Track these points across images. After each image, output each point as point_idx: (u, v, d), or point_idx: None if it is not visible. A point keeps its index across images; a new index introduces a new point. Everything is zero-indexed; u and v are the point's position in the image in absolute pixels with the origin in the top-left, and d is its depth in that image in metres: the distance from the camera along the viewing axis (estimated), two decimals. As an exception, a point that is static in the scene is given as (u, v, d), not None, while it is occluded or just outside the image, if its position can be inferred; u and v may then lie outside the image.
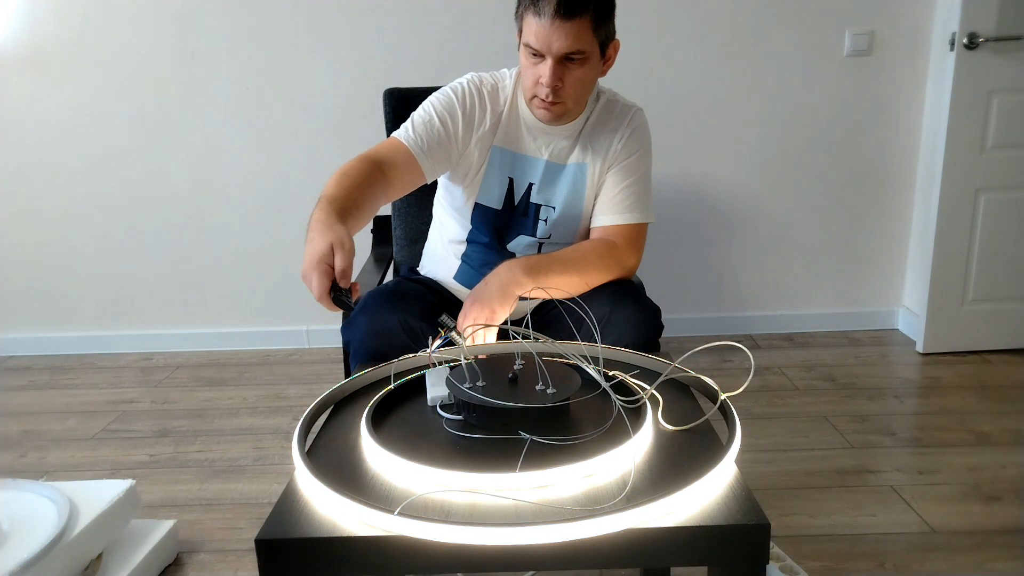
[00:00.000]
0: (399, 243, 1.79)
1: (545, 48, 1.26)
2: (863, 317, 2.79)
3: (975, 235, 2.46)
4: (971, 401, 2.21)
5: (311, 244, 1.05)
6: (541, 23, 1.24)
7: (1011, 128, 2.36)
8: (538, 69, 1.29)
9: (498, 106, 1.42)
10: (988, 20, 2.25)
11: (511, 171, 1.44)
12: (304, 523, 0.75)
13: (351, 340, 1.31)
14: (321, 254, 1.02)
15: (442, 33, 2.49)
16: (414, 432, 0.91)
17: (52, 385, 2.55)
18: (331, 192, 1.18)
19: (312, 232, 1.08)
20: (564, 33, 1.23)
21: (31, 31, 2.50)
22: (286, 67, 2.53)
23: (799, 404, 2.23)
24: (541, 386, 0.91)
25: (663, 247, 2.66)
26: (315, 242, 1.05)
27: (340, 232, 1.06)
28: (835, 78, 2.54)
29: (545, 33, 1.24)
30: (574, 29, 1.24)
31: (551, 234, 1.47)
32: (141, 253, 2.71)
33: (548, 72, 1.27)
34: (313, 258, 1.02)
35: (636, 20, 2.43)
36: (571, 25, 1.23)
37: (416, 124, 1.37)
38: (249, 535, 1.67)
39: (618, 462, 0.82)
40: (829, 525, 1.64)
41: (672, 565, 0.82)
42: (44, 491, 1.43)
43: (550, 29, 1.23)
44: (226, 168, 2.63)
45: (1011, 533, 1.60)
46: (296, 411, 2.28)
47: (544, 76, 1.28)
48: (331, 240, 1.04)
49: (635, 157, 1.44)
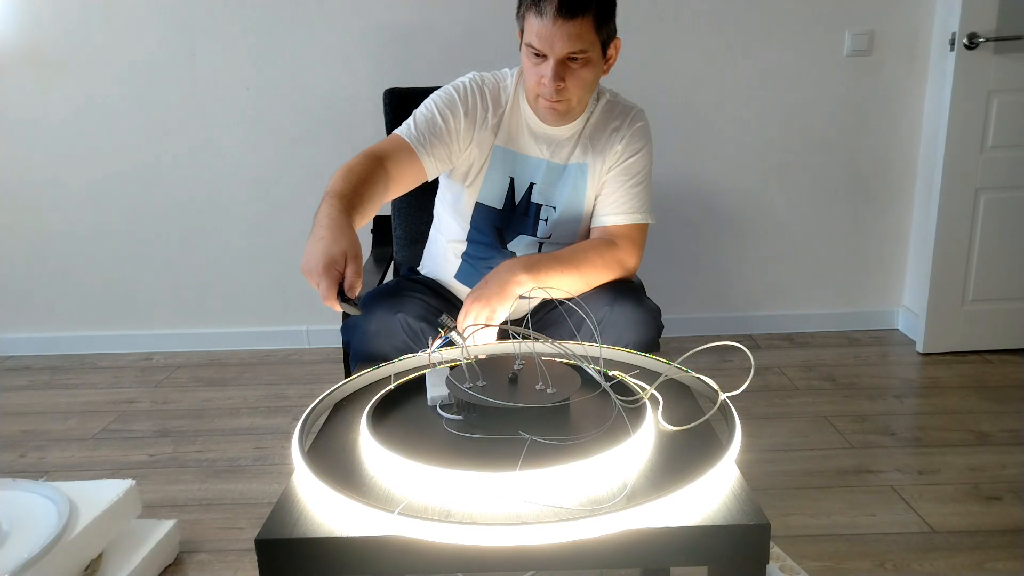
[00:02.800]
0: (399, 243, 1.79)
1: (547, 48, 1.26)
2: (863, 317, 2.79)
3: (975, 235, 2.46)
4: (971, 401, 2.21)
5: (321, 242, 1.06)
6: (543, 23, 1.24)
7: (1011, 128, 2.36)
8: (540, 69, 1.29)
9: (500, 106, 1.42)
10: (988, 20, 2.25)
11: (512, 171, 1.44)
12: (304, 523, 0.75)
13: (351, 340, 1.31)
14: (333, 258, 1.04)
15: (442, 33, 2.49)
16: (414, 432, 0.91)
17: (52, 385, 2.55)
18: (338, 188, 1.19)
19: (322, 229, 1.09)
20: (566, 33, 1.24)
21: (31, 30, 2.50)
22: (286, 67, 2.53)
23: (799, 404, 2.23)
24: (541, 386, 0.91)
25: (663, 247, 2.66)
26: (326, 241, 1.06)
27: (353, 241, 1.08)
28: (835, 78, 2.54)
29: (547, 33, 1.24)
30: (576, 29, 1.24)
31: (551, 234, 1.47)
32: (141, 253, 2.71)
33: (551, 72, 1.27)
34: (324, 259, 1.03)
35: (637, 20, 2.43)
36: (573, 25, 1.23)
37: (418, 121, 1.37)
38: (249, 535, 1.67)
39: (618, 462, 0.82)
40: (829, 525, 1.64)
41: (672, 565, 0.82)
42: (44, 491, 1.43)
43: (552, 29, 1.23)
44: (226, 168, 2.63)
45: (1011, 533, 1.59)
46: (296, 411, 2.28)
47: (547, 76, 1.28)
48: (344, 248, 1.05)
49: (636, 157, 1.44)
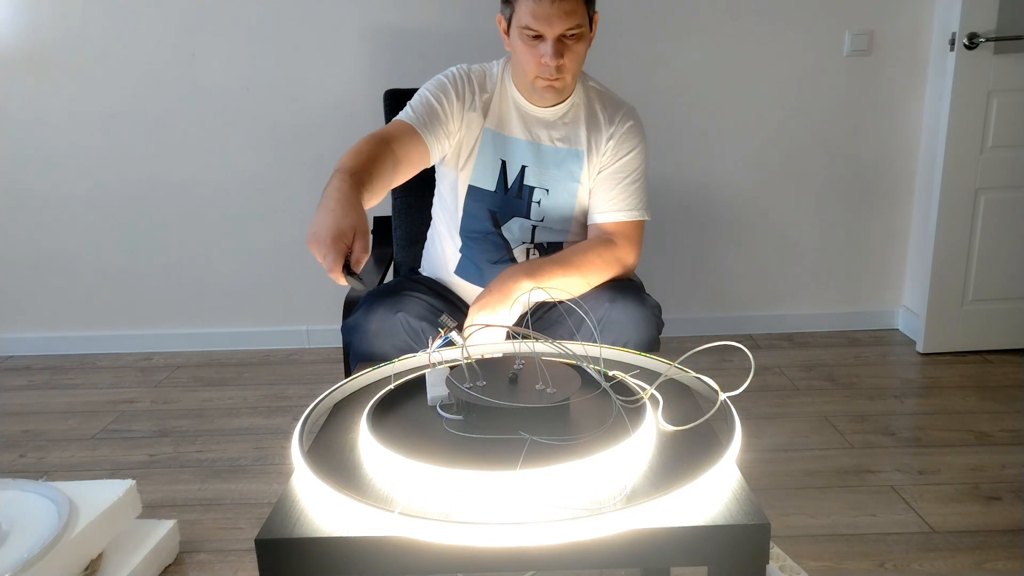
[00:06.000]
0: (399, 244, 1.79)
1: (545, 28, 1.31)
2: (863, 317, 2.79)
3: (975, 235, 2.46)
4: (971, 401, 2.21)
5: (331, 214, 1.07)
6: (540, 5, 1.30)
7: (1011, 128, 2.36)
8: (539, 50, 1.34)
9: (486, 90, 1.47)
10: (988, 20, 2.25)
11: (503, 153, 1.47)
12: (304, 523, 0.75)
13: (351, 340, 1.31)
14: (342, 231, 1.05)
15: (442, 34, 2.48)
16: (414, 432, 0.91)
17: (52, 385, 2.55)
18: (348, 165, 1.20)
19: (332, 201, 1.10)
20: (563, 11, 1.30)
21: (32, 31, 2.50)
22: (286, 67, 2.53)
23: (799, 404, 2.23)
24: (541, 386, 0.91)
25: (663, 247, 2.66)
26: (336, 214, 1.07)
27: (362, 216, 1.09)
28: (835, 78, 2.54)
29: (544, 13, 1.30)
30: (570, 6, 1.31)
31: (544, 217, 1.49)
32: (141, 253, 2.71)
33: (551, 50, 1.33)
34: (333, 231, 1.04)
35: (637, 20, 2.42)
36: (568, 3, 1.30)
37: (415, 106, 1.42)
38: (249, 535, 1.67)
39: (618, 462, 0.82)
40: (829, 525, 1.64)
41: (672, 565, 0.82)
42: (44, 491, 1.43)
43: (550, 10, 1.29)
44: (226, 168, 2.63)
45: (1011, 533, 1.59)
46: (296, 411, 2.28)
47: (547, 55, 1.33)
48: (354, 223, 1.07)
49: (631, 156, 1.46)
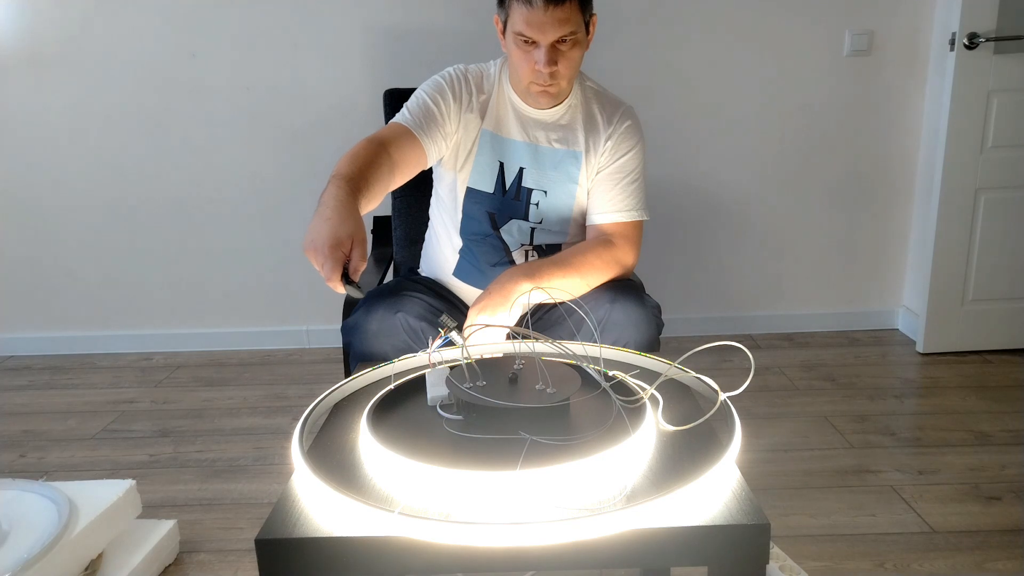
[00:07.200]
0: (399, 244, 1.79)
1: (539, 35, 1.30)
2: (863, 317, 2.79)
3: (975, 235, 2.46)
4: (971, 401, 2.21)
5: (328, 222, 1.06)
6: (533, 12, 1.28)
7: (1011, 128, 2.36)
8: (533, 56, 1.33)
9: (483, 91, 1.46)
10: (988, 20, 2.25)
11: (501, 155, 1.46)
12: (304, 523, 0.75)
13: (351, 340, 1.31)
14: (339, 240, 1.05)
15: (442, 34, 2.48)
16: (414, 432, 0.91)
17: (52, 385, 2.55)
18: (345, 171, 1.20)
19: (328, 209, 1.09)
20: (556, 19, 1.28)
21: (31, 31, 2.50)
22: (286, 67, 2.53)
23: (799, 404, 2.23)
24: (541, 386, 0.91)
25: (663, 247, 2.66)
26: (333, 222, 1.06)
27: (359, 224, 1.09)
28: (835, 78, 2.54)
29: (538, 21, 1.28)
30: (564, 13, 1.28)
31: (543, 219, 1.48)
32: (141, 253, 2.71)
33: (544, 57, 1.31)
34: (330, 240, 1.04)
35: (636, 20, 2.42)
36: (561, 10, 1.28)
37: (411, 108, 1.41)
38: (249, 535, 1.67)
39: (618, 462, 0.82)
40: (829, 525, 1.64)
41: (672, 565, 0.82)
42: (44, 491, 1.43)
43: (543, 17, 1.28)
44: (226, 168, 2.63)
45: (1011, 533, 1.59)
46: (296, 411, 2.28)
47: (540, 62, 1.32)
48: (351, 231, 1.06)
49: (628, 156, 1.46)
